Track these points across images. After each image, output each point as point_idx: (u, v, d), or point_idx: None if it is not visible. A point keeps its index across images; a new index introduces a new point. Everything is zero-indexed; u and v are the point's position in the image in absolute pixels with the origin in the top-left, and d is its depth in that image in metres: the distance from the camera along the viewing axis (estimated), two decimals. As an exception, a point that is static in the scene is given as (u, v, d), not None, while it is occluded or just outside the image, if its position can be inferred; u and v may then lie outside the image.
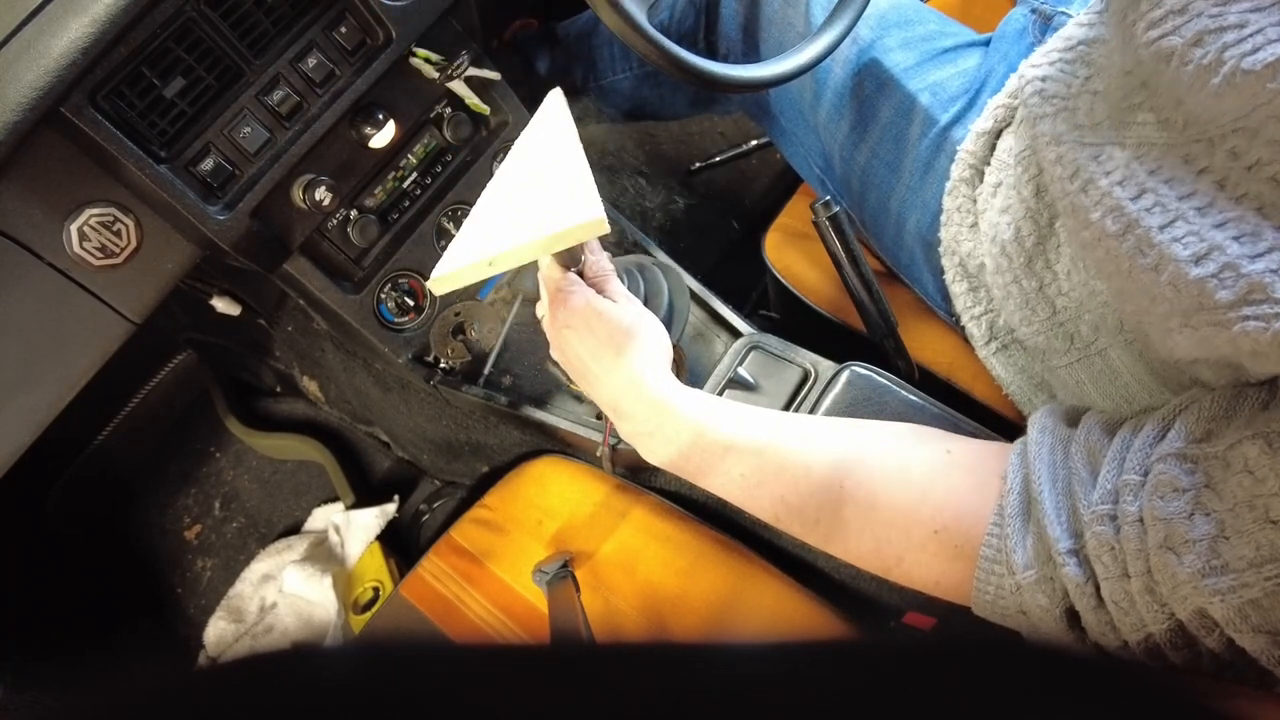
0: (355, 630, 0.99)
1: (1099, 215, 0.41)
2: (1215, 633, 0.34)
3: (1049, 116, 0.49)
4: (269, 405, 1.30)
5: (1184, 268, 0.35)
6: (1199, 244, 0.35)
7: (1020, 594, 0.39)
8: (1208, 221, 0.35)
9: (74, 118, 0.57)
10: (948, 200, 0.64)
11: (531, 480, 0.81)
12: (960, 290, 0.65)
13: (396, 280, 0.84)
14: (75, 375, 0.68)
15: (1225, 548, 0.32)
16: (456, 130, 0.83)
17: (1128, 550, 0.35)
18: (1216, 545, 0.32)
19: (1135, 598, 0.35)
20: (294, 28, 0.67)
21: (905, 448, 0.46)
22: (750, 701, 0.15)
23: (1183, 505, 0.33)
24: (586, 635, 0.55)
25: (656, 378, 0.53)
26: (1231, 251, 0.33)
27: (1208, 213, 0.35)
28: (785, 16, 0.78)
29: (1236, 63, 0.34)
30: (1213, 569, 0.32)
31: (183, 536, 1.24)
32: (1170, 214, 0.37)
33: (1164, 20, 0.37)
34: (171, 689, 0.16)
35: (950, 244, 0.65)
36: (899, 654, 0.18)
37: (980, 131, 0.62)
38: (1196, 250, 0.35)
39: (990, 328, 0.63)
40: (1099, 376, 0.51)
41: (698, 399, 0.53)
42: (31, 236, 0.60)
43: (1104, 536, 0.36)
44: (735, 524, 0.76)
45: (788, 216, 0.92)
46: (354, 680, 0.16)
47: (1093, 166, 0.43)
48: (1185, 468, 0.34)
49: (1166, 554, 0.33)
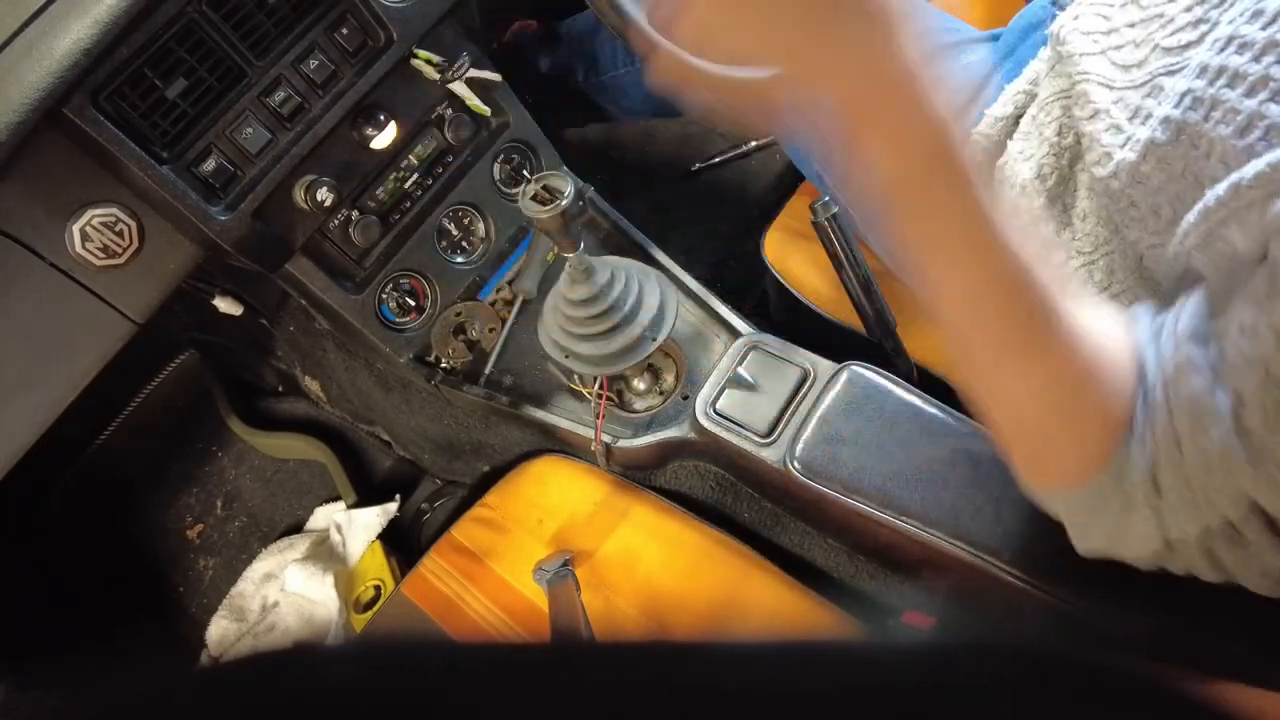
0: (357, 629, 0.99)
1: (1147, 133, 0.43)
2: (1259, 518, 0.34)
3: (1094, 55, 0.50)
4: (271, 405, 1.30)
5: (1230, 141, 0.36)
6: (1240, 118, 0.36)
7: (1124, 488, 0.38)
8: (1253, 102, 0.36)
9: (76, 118, 0.57)
10: None
11: (532, 479, 0.81)
12: None
13: (398, 280, 0.84)
14: (78, 375, 0.68)
15: (1245, 413, 0.33)
16: (457, 131, 0.83)
17: (1156, 427, 0.36)
18: (1239, 414, 0.33)
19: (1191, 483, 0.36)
20: (295, 29, 0.68)
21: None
22: (750, 701, 0.15)
23: (1204, 382, 0.34)
24: (587, 634, 0.55)
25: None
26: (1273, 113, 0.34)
27: (1255, 93, 0.36)
28: None
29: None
30: (1238, 442, 0.33)
31: (185, 536, 1.24)
32: (1212, 103, 0.38)
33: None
34: (174, 688, 0.16)
35: None
36: (898, 654, 0.18)
37: (999, 116, 0.62)
38: (1238, 124, 0.36)
39: None
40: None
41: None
42: (34, 237, 0.60)
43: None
44: (735, 524, 0.77)
45: (787, 216, 0.92)
46: (356, 679, 0.16)
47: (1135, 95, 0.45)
48: (1199, 349, 0.36)
49: (1199, 436, 0.34)
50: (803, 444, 0.64)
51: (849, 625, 0.65)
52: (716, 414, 0.68)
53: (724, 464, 0.74)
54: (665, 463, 0.78)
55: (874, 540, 0.67)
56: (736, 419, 0.68)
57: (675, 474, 0.79)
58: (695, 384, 0.74)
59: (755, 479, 0.72)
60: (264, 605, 1.11)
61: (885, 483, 0.60)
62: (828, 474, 0.62)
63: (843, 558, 0.72)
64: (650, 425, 0.75)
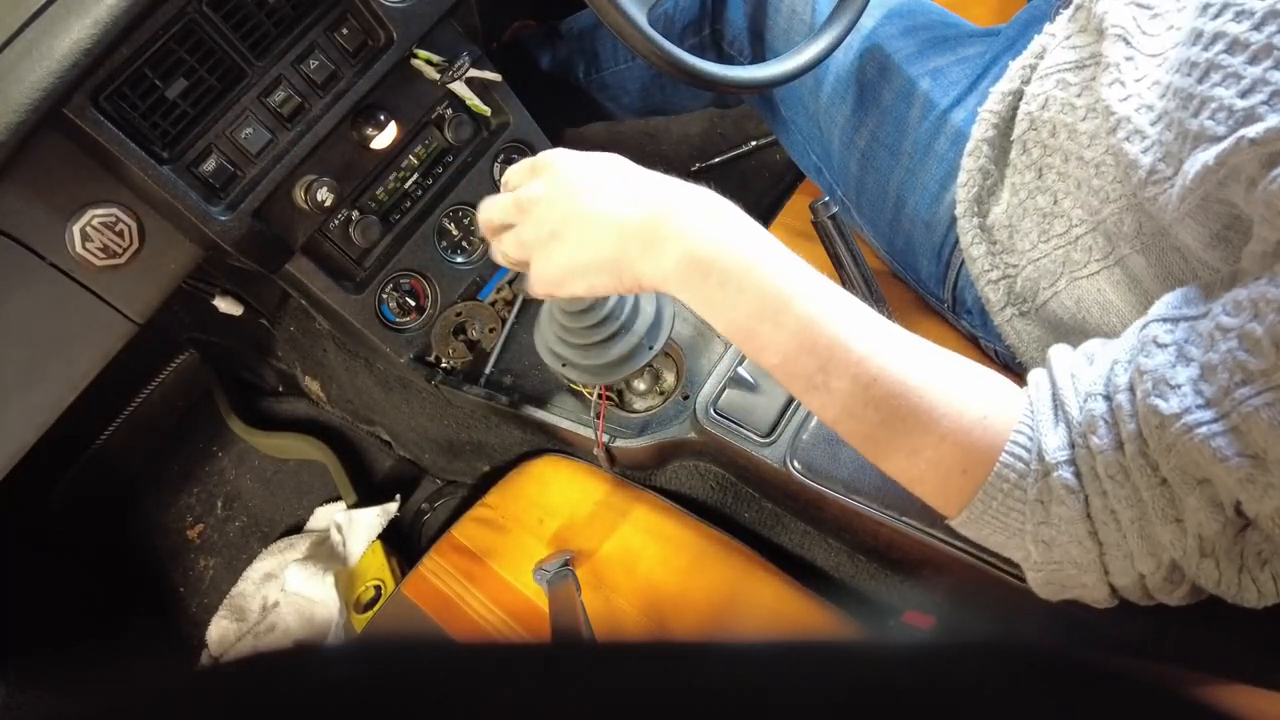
0: (357, 629, 0.99)
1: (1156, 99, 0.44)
2: (1197, 489, 0.36)
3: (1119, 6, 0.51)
4: (271, 405, 1.30)
5: (1232, 101, 0.37)
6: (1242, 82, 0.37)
7: (1046, 479, 0.39)
8: (1257, 69, 0.36)
9: (76, 119, 0.57)
10: (969, 161, 0.64)
11: (532, 479, 0.81)
12: (979, 253, 0.65)
13: (398, 280, 0.84)
14: (78, 375, 0.68)
15: (1205, 385, 0.34)
16: (458, 131, 0.83)
17: (1119, 417, 0.37)
18: (1198, 385, 0.35)
19: (1129, 466, 0.37)
20: (296, 29, 0.68)
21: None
22: (750, 701, 0.15)
23: (1167, 357, 0.36)
24: (587, 634, 0.55)
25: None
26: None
27: (1259, 60, 0.37)
28: (791, 4, 0.78)
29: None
30: (1197, 406, 0.34)
31: (185, 536, 1.24)
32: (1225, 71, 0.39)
33: None
34: (174, 688, 0.16)
35: (970, 206, 0.65)
36: (898, 654, 0.18)
37: (1006, 91, 0.62)
38: (1241, 87, 0.37)
39: (1008, 292, 0.63)
40: (1119, 285, 0.54)
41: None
42: (34, 237, 0.60)
43: (1097, 411, 0.38)
44: (736, 524, 0.77)
45: (787, 216, 0.92)
46: (356, 679, 0.16)
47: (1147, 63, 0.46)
48: (1167, 327, 0.38)
49: (1155, 400, 0.36)
50: (803, 444, 0.64)
51: (849, 625, 0.65)
52: (717, 414, 0.68)
53: (724, 464, 0.74)
54: (665, 463, 0.78)
55: (874, 540, 0.67)
56: (737, 419, 0.68)
57: (675, 474, 0.79)
58: (695, 384, 0.74)
59: (756, 479, 0.72)
60: (264, 605, 1.11)
61: (885, 483, 0.60)
62: (828, 474, 0.62)
63: (843, 558, 0.72)
64: (651, 425, 0.75)
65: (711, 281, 0.43)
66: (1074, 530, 0.39)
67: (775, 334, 0.42)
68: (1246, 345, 0.33)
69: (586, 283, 0.48)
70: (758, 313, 0.42)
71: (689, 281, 0.44)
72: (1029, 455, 0.40)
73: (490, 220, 0.52)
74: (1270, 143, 0.34)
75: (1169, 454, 0.35)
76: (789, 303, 0.42)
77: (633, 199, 0.46)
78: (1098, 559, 0.39)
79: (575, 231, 0.47)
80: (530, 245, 0.49)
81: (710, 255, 0.43)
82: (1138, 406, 0.37)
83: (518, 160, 0.53)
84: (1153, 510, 0.37)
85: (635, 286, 0.47)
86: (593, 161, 0.49)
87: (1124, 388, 0.38)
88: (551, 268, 0.48)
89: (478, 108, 0.81)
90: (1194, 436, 0.34)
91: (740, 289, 0.42)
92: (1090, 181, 0.54)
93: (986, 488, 0.41)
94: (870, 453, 0.44)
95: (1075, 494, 0.39)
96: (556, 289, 0.49)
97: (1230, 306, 0.35)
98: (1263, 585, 0.37)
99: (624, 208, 0.45)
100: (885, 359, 0.41)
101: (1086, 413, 0.39)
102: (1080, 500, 0.39)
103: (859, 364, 0.41)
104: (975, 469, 0.41)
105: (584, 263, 0.47)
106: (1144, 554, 0.38)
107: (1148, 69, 0.47)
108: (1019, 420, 0.41)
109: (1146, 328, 0.39)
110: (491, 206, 0.52)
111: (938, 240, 0.70)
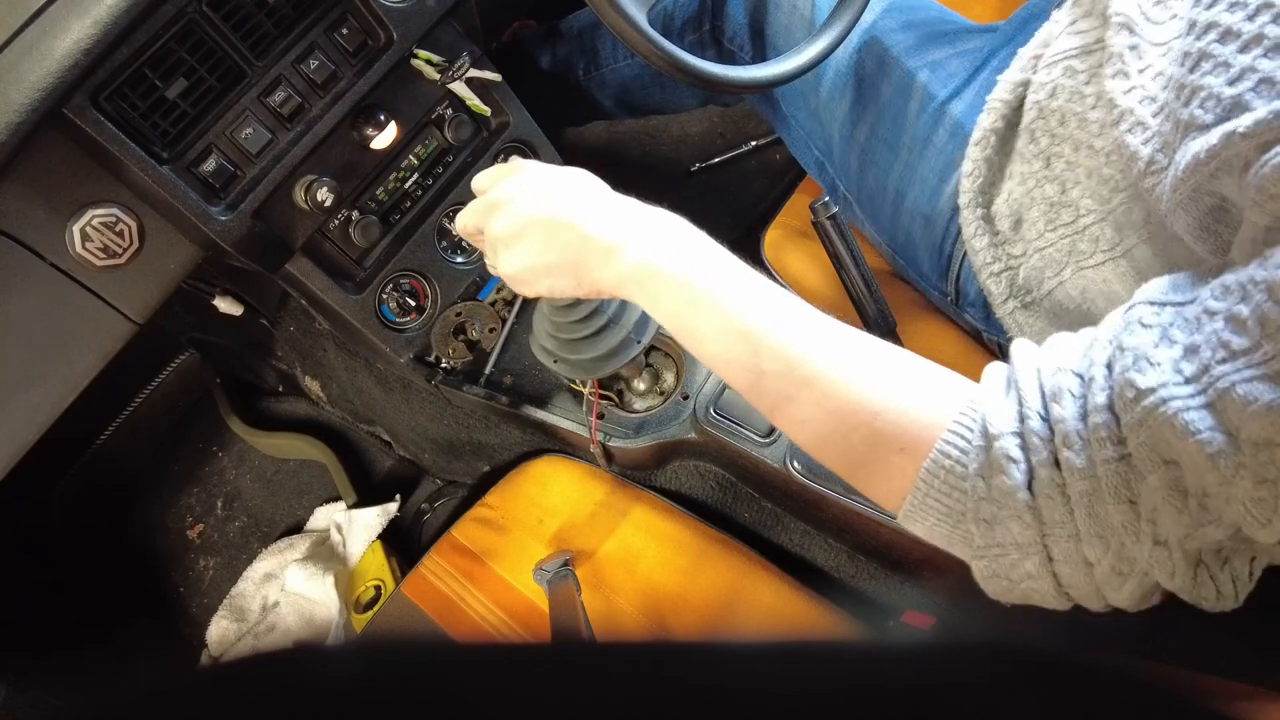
0: (357, 629, 0.99)
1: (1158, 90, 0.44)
2: (1162, 468, 0.34)
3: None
4: (271, 405, 1.30)
5: (1220, 89, 0.37)
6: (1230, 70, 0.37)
7: (989, 451, 0.38)
8: (1247, 57, 0.36)
9: (76, 119, 0.57)
10: (975, 151, 0.64)
11: (532, 479, 0.81)
12: (981, 245, 0.65)
13: (398, 280, 0.84)
14: (78, 375, 0.68)
15: (1186, 364, 0.34)
16: (457, 131, 0.83)
17: (1091, 389, 0.36)
18: (1179, 364, 0.34)
19: (1089, 437, 0.36)
20: (296, 29, 0.68)
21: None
22: (750, 701, 0.15)
23: (1151, 336, 0.36)
24: (587, 634, 0.55)
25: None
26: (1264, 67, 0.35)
27: (1249, 49, 0.37)
28: (792, 2, 0.79)
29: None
30: (1175, 382, 0.34)
31: (185, 536, 1.24)
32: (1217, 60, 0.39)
33: None
34: (174, 688, 0.16)
35: (974, 196, 0.65)
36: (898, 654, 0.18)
37: (1016, 81, 0.62)
38: (1230, 75, 0.37)
39: (1010, 284, 0.63)
40: (1124, 276, 0.54)
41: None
42: (34, 237, 0.60)
43: (1065, 383, 0.37)
44: (736, 524, 0.77)
45: (787, 215, 0.92)
46: (356, 679, 0.16)
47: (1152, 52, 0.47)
48: (1154, 309, 0.37)
49: (1132, 374, 0.35)
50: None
51: (849, 625, 0.65)
52: (717, 414, 0.69)
53: (724, 464, 0.74)
54: (665, 462, 0.78)
55: (874, 540, 0.67)
56: (737, 419, 0.68)
57: (675, 474, 0.79)
58: (695, 384, 0.74)
59: (755, 479, 0.72)
60: (264, 605, 1.11)
61: (885, 483, 0.60)
62: (828, 474, 0.62)
63: (843, 558, 0.72)
64: (650, 425, 0.75)
65: (659, 280, 0.45)
66: (1013, 504, 0.38)
67: (707, 322, 0.44)
68: (1232, 326, 0.33)
69: (548, 283, 0.50)
70: (690, 304, 0.44)
71: (644, 284, 0.46)
72: (972, 432, 0.39)
73: (466, 226, 0.54)
74: (1260, 134, 0.34)
75: (1139, 429, 0.34)
76: (726, 293, 0.44)
77: (602, 217, 0.48)
78: (1038, 539, 0.38)
79: (542, 233, 0.48)
80: (496, 241, 0.51)
81: (661, 261, 0.45)
82: (1114, 380, 0.36)
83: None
84: (1105, 486, 0.36)
85: (594, 291, 0.49)
86: (567, 173, 0.51)
87: (1101, 363, 0.37)
88: (514, 265, 0.50)
89: (478, 108, 0.81)
90: (1168, 409, 0.33)
91: (686, 284, 0.45)
92: (1101, 170, 0.54)
93: (929, 465, 0.39)
94: (812, 446, 0.44)
95: (1016, 464, 0.37)
96: (520, 287, 0.51)
97: (1218, 291, 0.34)
98: (1222, 586, 0.36)
99: (592, 224, 0.47)
100: (820, 341, 0.42)
101: (1054, 384, 0.38)
102: (1022, 470, 0.37)
103: (788, 345, 0.42)
104: (915, 447, 0.40)
105: (547, 265, 0.49)
106: (1091, 535, 0.37)
107: (1152, 59, 0.47)
108: (966, 399, 0.40)
109: (1132, 309, 0.38)
110: (466, 211, 0.54)
111: (939, 233, 0.70)
